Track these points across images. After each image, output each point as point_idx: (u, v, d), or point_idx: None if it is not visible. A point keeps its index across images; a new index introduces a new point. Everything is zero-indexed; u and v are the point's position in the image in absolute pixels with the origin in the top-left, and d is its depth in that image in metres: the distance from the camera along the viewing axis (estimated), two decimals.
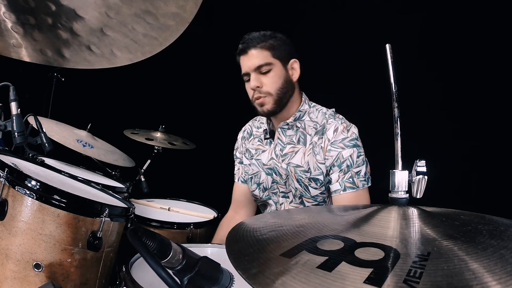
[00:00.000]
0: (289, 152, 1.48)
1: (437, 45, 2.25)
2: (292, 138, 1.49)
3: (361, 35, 2.43)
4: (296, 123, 1.48)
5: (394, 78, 0.71)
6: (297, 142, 1.47)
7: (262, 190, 1.58)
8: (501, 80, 2.10)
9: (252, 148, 1.62)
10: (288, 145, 1.48)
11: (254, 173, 1.59)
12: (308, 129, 1.47)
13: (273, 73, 1.41)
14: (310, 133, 1.46)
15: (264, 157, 1.55)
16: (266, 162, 1.54)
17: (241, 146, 1.70)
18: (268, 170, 1.53)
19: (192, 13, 0.91)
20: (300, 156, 1.45)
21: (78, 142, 1.78)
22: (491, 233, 0.52)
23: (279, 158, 1.49)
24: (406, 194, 0.66)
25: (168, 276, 0.69)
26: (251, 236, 0.59)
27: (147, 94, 3.33)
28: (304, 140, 1.46)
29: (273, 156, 1.52)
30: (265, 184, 1.56)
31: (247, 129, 1.71)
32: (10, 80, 1.22)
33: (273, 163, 1.52)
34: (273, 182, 1.54)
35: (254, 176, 1.59)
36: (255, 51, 1.40)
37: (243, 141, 1.70)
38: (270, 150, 1.53)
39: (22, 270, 0.98)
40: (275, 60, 1.41)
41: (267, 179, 1.55)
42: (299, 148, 1.46)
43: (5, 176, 0.99)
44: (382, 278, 0.42)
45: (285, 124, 1.48)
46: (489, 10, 2.09)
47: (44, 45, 1.15)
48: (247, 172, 1.63)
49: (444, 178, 1.54)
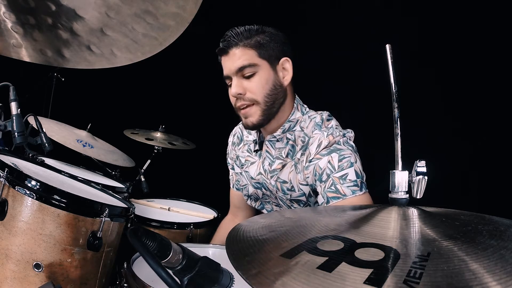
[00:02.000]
0: (278, 168, 1.29)
1: (437, 45, 2.25)
2: (281, 151, 1.29)
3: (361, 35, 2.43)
4: (286, 135, 1.26)
5: (394, 78, 0.71)
6: (286, 155, 1.27)
7: (254, 200, 1.51)
8: (501, 80, 2.10)
9: (242, 156, 1.47)
10: (277, 160, 1.30)
11: (243, 185, 1.49)
12: (298, 141, 1.25)
13: (259, 76, 1.18)
14: (299, 146, 1.26)
15: (253, 170, 1.39)
16: (254, 176, 1.38)
17: (231, 152, 1.57)
18: (256, 184, 1.39)
19: (192, 13, 0.91)
20: (287, 173, 1.27)
21: (78, 142, 1.78)
22: (491, 233, 0.52)
23: (268, 173, 1.32)
24: (406, 195, 0.66)
25: (168, 276, 0.69)
26: (251, 236, 0.59)
27: (147, 94, 3.33)
28: (293, 153, 1.26)
29: (261, 171, 1.35)
30: (254, 196, 1.47)
31: (237, 133, 1.54)
32: (10, 80, 1.21)
33: (261, 178, 1.36)
34: (263, 195, 1.43)
35: (243, 188, 1.51)
36: (237, 50, 1.17)
37: (233, 146, 1.55)
38: (259, 164, 1.36)
39: (22, 270, 0.98)
40: (261, 61, 1.18)
41: (257, 192, 1.43)
42: (287, 162, 1.27)
43: (5, 176, 0.99)
44: (382, 279, 0.42)
45: (272, 137, 1.28)
46: (490, 9, 2.09)
47: (44, 45, 1.15)
48: (238, 181, 1.53)
49: (444, 178, 1.54)
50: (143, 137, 2.34)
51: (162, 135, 2.43)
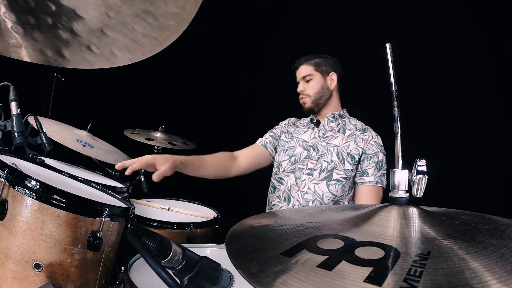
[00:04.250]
0: (330, 136, 1.82)
1: (437, 45, 2.25)
2: (333, 127, 1.85)
3: (360, 35, 2.43)
4: (339, 118, 1.87)
5: (394, 78, 0.71)
6: (337, 131, 1.83)
7: (292, 163, 1.82)
8: (501, 80, 2.10)
9: (293, 131, 1.94)
10: (330, 132, 1.84)
11: (291, 146, 1.87)
12: (347, 126, 1.84)
13: (313, 82, 1.84)
14: (349, 128, 1.82)
15: (306, 136, 1.88)
16: (307, 140, 1.85)
17: (282, 126, 2.01)
18: (307, 146, 1.83)
19: (192, 13, 0.91)
20: (339, 140, 1.79)
21: (78, 142, 1.78)
22: (491, 232, 0.52)
23: (321, 138, 1.83)
24: (406, 194, 0.66)
25: (168, 276, 0.69)
26: (251, 235, 0.59)
27: (147, 94, 3.33)
28: (344, 131, 1.82)
29: (316, 136, 1.85)
30: (297, 157, 1.82)
31: (292, 119, 2.04)
32: (10, 80, 1.21)
33: (314, 141, 1.83)
34: (306, 157, 1.79)
35: (289, 149, 1.86)
36: (303, 66, 1.87)
37: (287, 125, 2.00)
38: (314, 132, 1.87)
39: (22, 270, 0.98)
40: (316, 72, 1.84)
41: (302, 153, 1.82)
42: (338, 135, 1.81)
43: (5, 176, 0.99)
44: (382, 277, 0.42)
45: (331, 115, 1.85)
46: (490, 9, 2.09)
47: (44, 45, 1.15)
48: (283, 145, 1.90)
49: (444, 178, 1.54)
50: (143, 137, 2.34)
51: (162, 135, 2.42)
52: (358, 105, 1.89)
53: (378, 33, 2.30)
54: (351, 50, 2.45)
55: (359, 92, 2.33)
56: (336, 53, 1.92)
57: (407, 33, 2.19)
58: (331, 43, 2.45)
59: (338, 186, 1.69)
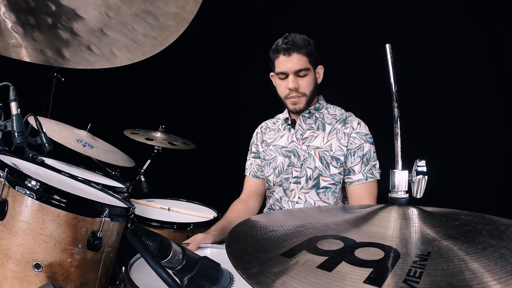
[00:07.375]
0: (309, 136, 1.63)
1: (437, 44, 2.25)
2: (311, 125, 1.65)
3: (360, 34, 2.43)
4: (316, 112, 1.65)
5: (394, 78, 0.71)
6: (317, 128, 1.64)
7: (277, 175, 1.67)
8: (502, 79, 2.10)
9: (269, 138, 1.76)
10: (308, 131, 1.64)
11: (272, 157, 1.70)
12: (326, 119, 1.65)
13: (309, 78, 1.56)
14: (328, 122, 1.63)
15: (283, 140, 1.69)
16: (286, 145, 1.67)
17: (256, 139, 1.83)
18: (287, 153, 1.65)
19: (192, 13, 0.91)
20: (320, 140, 1.61)
21: (78, 142, 1.78)
22: (491, 233, 0.52)
23: (300, 141, 1.64)
24: (406, 194, 0.66)
25: (168, 276, 0.69)
26: (251, 236, 0.59)
27: (147, 94, 3.33)
28: (323, 127, 1.63)
29: (294, 139, 1.65)
30: (280, 168, 1.66)
31: (263, 125, 1.85)
32: (10, 80, 1.21)
33: (293, 145, 1.65)
34: (289, 165, 1.63)
35: (272, 161, 1.69)
36: (298, 56, 1.52)
37: (260, 134, 1.82)
38: (290, 135, 1.68)
39: (22, 270, 0.98)
40: (310, 66, 1.55)
41: (284, 162, 1.65)
42: (318, 134, 1.62)
43: (5, 176, 0.99)
44: (382, 278, 0.42)
45: (306, 113, 1.64)
46: (492, 9, 2.09)
47: (44, 45, 1.15)
48: (266, 159, 1.72)
49: (444, 178, 1.54)
50: (143, 137, 2.34)
51: (162, 135, 2.42)
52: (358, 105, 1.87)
53: (378, 33, 2.29)
54: (351, 50, 2.45)
55: (359, 92, 2.33)
56: (336, 53, 1.91)
57: (407, 33, 2.19)
58: (331, 43, 2.45)
59: (328, 193, 1.56)
